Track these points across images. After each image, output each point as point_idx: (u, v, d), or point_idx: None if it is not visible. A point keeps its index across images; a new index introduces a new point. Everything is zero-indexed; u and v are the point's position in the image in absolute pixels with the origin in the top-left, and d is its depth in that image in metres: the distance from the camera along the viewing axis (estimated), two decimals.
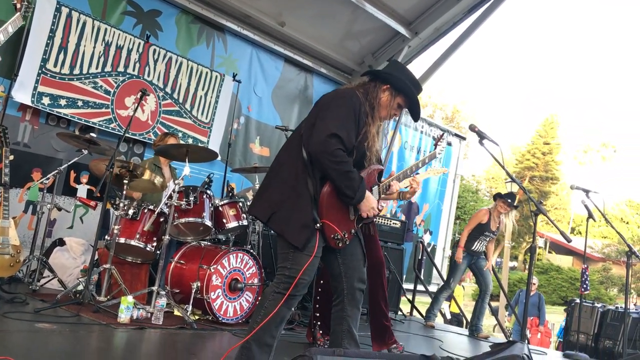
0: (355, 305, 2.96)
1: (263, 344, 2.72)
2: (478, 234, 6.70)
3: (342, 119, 2.74)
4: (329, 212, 2.77)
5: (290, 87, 7.97)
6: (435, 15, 7.72)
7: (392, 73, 3.02)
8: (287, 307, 2.77)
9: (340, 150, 2.68)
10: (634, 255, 4.84)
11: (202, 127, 6.77)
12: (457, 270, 6.78)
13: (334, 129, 2.68)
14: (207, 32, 6.90)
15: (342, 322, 2.93)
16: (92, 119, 5.80)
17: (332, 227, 2.77)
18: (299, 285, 2.73)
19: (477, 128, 3.92)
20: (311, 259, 2.72)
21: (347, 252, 2.96)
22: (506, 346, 2.82)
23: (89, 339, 3.57)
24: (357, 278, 2.96)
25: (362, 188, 2.77)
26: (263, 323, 2.69)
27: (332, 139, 2.66)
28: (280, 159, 2.92)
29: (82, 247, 5.46)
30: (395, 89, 2.97)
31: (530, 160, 39.50)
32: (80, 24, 5.65)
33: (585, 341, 7.06)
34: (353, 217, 2.91)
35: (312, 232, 2.72)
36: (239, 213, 5.20)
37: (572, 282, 28.44)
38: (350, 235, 2.90)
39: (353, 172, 2.74)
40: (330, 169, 2.69)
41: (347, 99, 2.83)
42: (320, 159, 2.69)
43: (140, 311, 4.27)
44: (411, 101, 3.03)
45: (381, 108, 2.95)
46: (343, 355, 1.90)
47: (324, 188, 2.76)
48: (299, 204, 2.74)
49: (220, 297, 4.68)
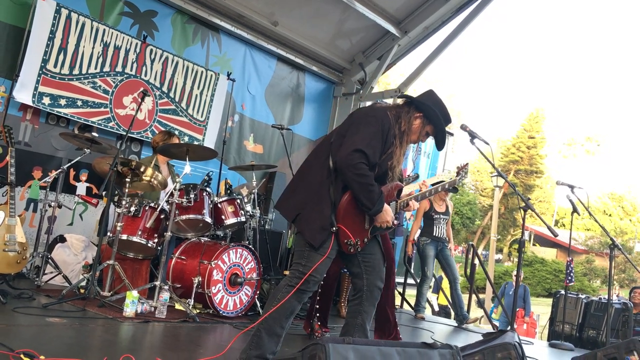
0: (372, 303, 3.19)
1: (272, 333, 2.93)
2: (430, 220, 7.05)
3: (370, 137, 2.96)
4: (345, 218, 3.00)
5: (283, 85, 8.12)
6: (425, 15, 7.90)
7: (426, 103, 3.22)
8: (298, 300, 2.98)
9: (363, 164, 2.90)
10: (617, 247, 5.05)
11: (198, 125, 6.90)
12: (427, 257, 7.05)
13: (361, 144, 2.91)
14: (202, 32, 7.02)
15: (357, 316, 3.17)
16: (91, 118, 5.91)
17: (346, 233, 3.00)
18: (309, 281, 2.96)
19: (468, 128, 4.10)
20: (323, 258, 2.94)
21: (366, 251, 3.18)
22: (498, 335, 3.02)
23: (98, 332, 3.71)
24: (377, 277, 3.19)
25: (380, 201, 3.00)
26: (273, 310, 2.91)
27: (357, 153, 2.90)
28: (309, 162, 3.17)
29: (83, 244, 5.58)
30: (427, 119, 3.19)
31: (515, 154, 39.91)
32: (79, 25, 5.75)
33: (570, 331, 7.30)
34: (368, 227, 3.13)
35: (328, 235, 2.95)
36: (237, 210, 5.35)
37: (556, 274, 28.87)
38: (363, 243, 3.12)
39: (373, 186, 2.96)
40: (352, 181, 2.93)
41: (377, 118, 3.05)
42: (345, 171, 2.92)
43: (145, 305, 4.42)
44: (439, 132, 3.26)
45: (412, 133, 3.18)
46: (352, 343, 2.07)
47: (344, 196, 3.00)
48: (320, 207, 2.98)
49: (221, 291, 4.84)
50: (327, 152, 3.06)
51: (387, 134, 3.02)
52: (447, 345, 2.36)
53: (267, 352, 2.91)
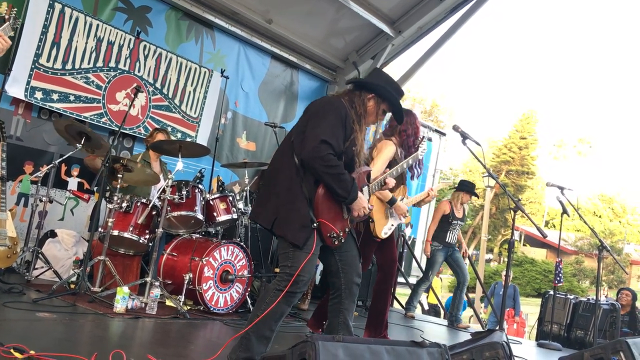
0: (352, 299, 3.17)
1: (261, 336, 2.90)
2: (446, 224, 6.99)
3: (331, 127, 2.94)
4: (324, 211, 2.97)
5: (277, 83, 8.12)
6: (419, 15, 7.91)
7: (375, 82, 3.23)
8: (287, 304, 2.94)
9: (331, 155, 2.88)
10: (605, 249, 5.10)
11: (191, 122, 6.90)
12: (435, 263, 7.03)
13: (324, 135, 2.88)
14: (196, 28, 7.01)
15: (338, 314, 3.14)
16: (83, 113, 5.90)
17: (328, 226, 2.97)
18: (299, 282, 2.91)
19: (460, 129, 4.14)
20: (309, 257, 2.91)
21: (343, 249, 3.15)
22: (486, 334, 3.05)
23: (88, 327, 3.71)
24: (354, 273, 3.17)
25: (354, 189, 2.98)
26: (262, 315, 2.87)
27: (322, 144, 2.86)
28: (275, 165, 3.11)
29: (74, 239, 5.57)
30: (379, 97, 3.19)
31: (507, 155, 40.09)
32: (72, 19, 5.74)
33: (558, 331, 7.36)
34: (346, 217, 3.11)
35: (310, 232, 2.92)
36: (229, 207, 5.36)
37: (546, 275, 29.07)
38: (345, 234, 3.10)
39: (344, 174, 2.95)
40: (323, 173, 2.89)
41: (334, 107, 3.03)
42: (313, 164, 2.88)
43: (135, 301, 4.42)
44: (395, 107, 3.27)
45: (368, 115, 3.17)
46: (342, 341, 2.08)
47: (318, 190, 2.95)
48: (296, 206, 2.94)
49: (212, 288, 4.85)
50: (291, 151, 3.01)
51: (345, 120, 3.00)
52: (435, 344, 2.38)
53: (255, 355, 2.89)
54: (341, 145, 2.97)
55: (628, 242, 41.59)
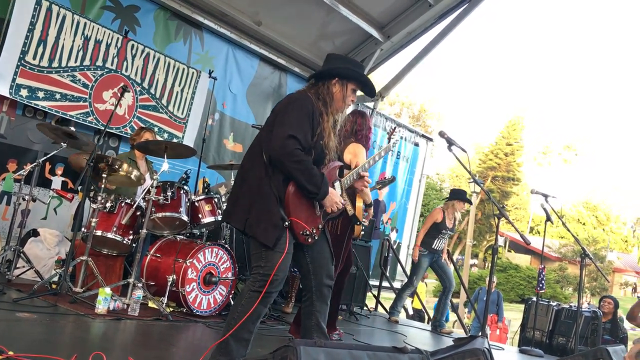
0: (324, 301, 3.14)
1: (240, 339, 2.89)
2: (436, 232, 7.02)
3: (297, 121, 2.92)
4: (295, 209, 2.94)
5: (265, 85, 8.10)
6: (408, 20, 7.94)
7: (333, 66, 3.22)
8: (263, 304, 2.91)
9: (299, 150, 2.86)
10: (588, 257, 5.15)
11: (178, 123, 6.86)
12: (420, 269, 7.06)
13: (291, 130, 2.86)
14: (185, 29, 6.98)
15: (311, 317, 3.12)
16: (69, 111, 5.85)
17: (300, 224, 2.94)
18: (273, 282, 2.88)
19: (446, 135, 4.16)
20: (283, 256, 2.88)
21: (314, 250, 3.14)
22: (468, 340, 3.06)
23: (69, 328, 3.68)
24: (325, 275, 3.14)
25: (324, 184, 2.96)
26: (241, 322, 2.84)
27: (289, 140, 2.84)
28: (245, 166, 3.08)
29: (56, 239, 5.52)
30: (343, 79, 3.16)
31: (493, 161, 40.31)
32: (60, 17, 5.69)
33: (540, 337, 7.41)
34: (319, 213, 3.08)
35: (281, 231, 2.89)
36: (214, 208, 5.33)
37: (530, 281, 29.27)
38: (318, 231, 3.08)
39: (314, 169, 2.93)
40: (291, 169, 2.87)
41: (300, 102, 3.01)
42: (282, 160, 2.86)
43: (117, 302, 4.38)
44: (362, 82, 3.23)
45: (334, 101, 3.14)
46: (324, 346, 2.08)
47: (288, 187, 2.92)
48: (266, 205, 2.90)
49: (195, 290, 4.82)
50: (260, 151, 2.98)
51: (312, 114, 2.98)
52: (417, 349, 2.39)
53: (235, 357, 2.88)
54: (309, 140, 2.94)
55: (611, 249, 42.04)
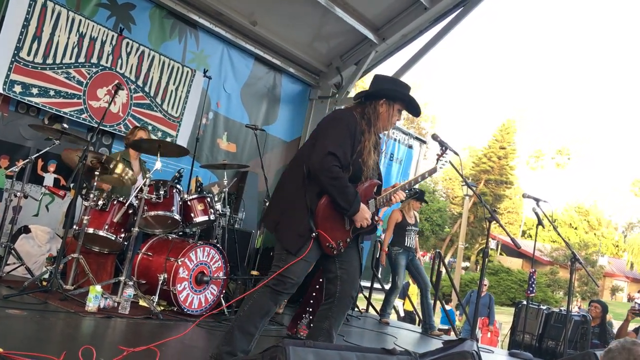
0: (342, 310, 3.20)
1: (245, 332, 2.98)
2: (401, 231, 7.14)
3: (338, 139, 3.02)
4: (324, 222, 3.03)
5: (259, 85, 8.10)
6: (403, 23, 7.97)
7: (381, 87, 3.27)
8: (273, 301, 3.03)
9: (337, 167, 2.96)
10: (578, 261, 5.17)
11: (172, 121, 6.85)
12: (399, 267, 7.13)
13: (331, 148, 2.97)
14: (180, 27, 6.97)
15: (324, 320, 3.18)
16: (63, 108, 5.83)
17: (326, 237, 3.03)
18: (285, 282, 2.99)
19: (439, 138, 4.16)
20: (298, 260, 2.98)
21: (345, 259, 3.19)
22: (457, 343, 3.07)
23: (59, 326, 3.67)
24: (351, 285, 3.20)
25: (357, 201, 3.03)
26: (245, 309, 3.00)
27: (329, 156, 2.95)
28: (285, 175, 3.23)
29: (48, 235, 5.51)
30: (390, 99, 3.22)
31: (486, 164, 40.45)
32: (55, 14, 5.67)
33: (530, 341, 7.43)
34: (349, 228, 3.14)
35: (305, 241, 2.99)
36: (206, 208, 5.33)
37: (521, 284, 29.34)
38: (346, 244, 3.14)
39: (348, 187, 3.01)
40: (327, 184, 2.97)
41: (343, 120, 3.12)
42: (319, 176, 2.97)
43: (108, 300, 4.38)
44: (408, 102, 3.28)
45: (380, 121, 3.21)
46: (313, 347, 2.09)
47: (321, 200, 3.02)
48: (297, 215, 3.03)
49: (187, 289, 4.82)
50: (301, 161, 3.11)
51: (354, 132, 3.07)
52: (406, 351, 2.40)
53: (237, 350, 2.96)
54: (348, 157, 3.03)
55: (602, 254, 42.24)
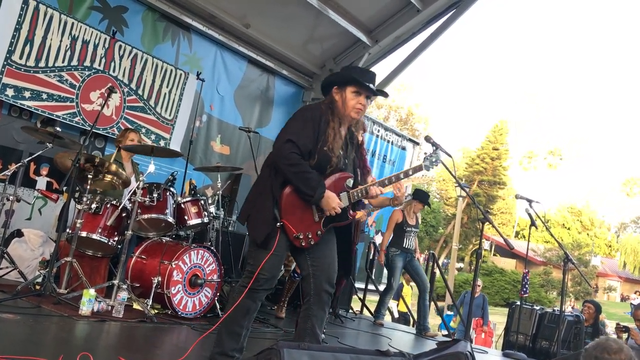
0: (321, 307, 3.14)
1: (231, 332, 3.02)
2: (401, 232, 7.09)
3: (297, 127, 3.04)
4: (288, 212, 3.01)
5: (253, 87, 8.10)
6: (396, 25, 7.99)
7: (330, 78, 3.30)
8: (251, 299, 3.04)
9: (295, 154, 2.96)
10: (570, 261, 5.20)
11: (165, 124, 6.84)
12: (395, 269, 7.10)
13: (289, 135, 2.99)
14: (173, 30, 6.97)
15: (307, 320, 3.13)
16: (56, 112, 5.82)
17: (291, 228, 3.00)
18: (259, 279, 2.99)
19: (432, 139, 4.18)
20: (268, 256, 2.96)
21: (317, 254, 3.16)
22: (451, 344, 3.09)
23: (53, 329, 3.66)
24: (324, 280, 3.14)
25: (320, 187, 2.99)
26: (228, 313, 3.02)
27: (286, 144, 2.96)
28: (261, 168, 3.22)
29: (41, 239, 5.48)
30: (339, 85, 3.19)
31: (479, 165, 40.55)
32: (47, 17, 5.66)
33: (524, 341, 7.46)
34: (318, 219, 3.10)
35: (272, 230, 2.98)
36: (200, 210, 5.32)
37: (515, 285, 29.41)
38: (317, 237, 3.09)
39: (310, 173, 2.98)
40: (286, 171, 2.97)
41: (305, 111, 3.16)
42: (278, 163, 2.99)
43: (102, 304, 4.36)
44: (357, 80, 3.17)
45: (338, 109, 3.16)
46: (307, 349, 2.09)
47: (284, 190, 3.02)
48: (263, 204, 3.04)
49: (180, 292, 4.81)
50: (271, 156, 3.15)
51: (318, 121, 3.06)
52: (400, 353, 2.41)
53: (227, 350, 3.01)
54: (308, 145, 3.01)
55: (595, 254, 42.42)
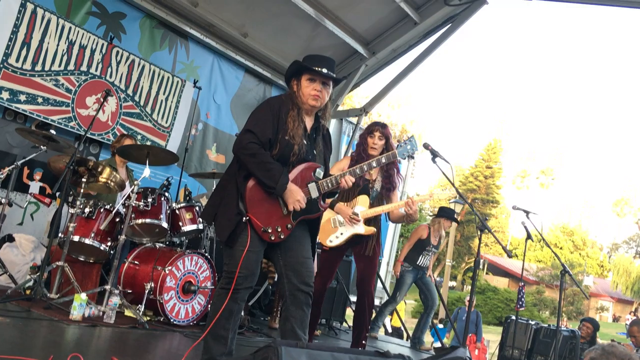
0: (298, 306, 2.99)
1: (217, 337, 2.95)
2: (420, 249, 6.93)
3: (256, 118, 3.00)
4: (254, 205, 2.92)
5: (249, 96, 8.09)
6: (393, 37, 8.03)
7: (287, 69, 3.25)
8: (233, 300, 2.93)
9: (254, 144, 2.89)
10: (567, 273, 5.16)
11: (162, 131, 6.81)
12: (404, 285, 6.96)
13: (248, 126, 2.95)
14: (171, 37, 6.97)
15: (286, 322, 3.01)
16: (51, 116, 5.78)
17: (256, 222, 2.90)
18: (237, 278, 2.89)
19: (430, 146, 4.15)
20: (244, 253, 2.88)
21: (287, 252, 3.06)
22: (450, 350, 3.04)
23: (43, 332, 3.59)
24: (297, 279, 3.00)
25: (283, 178, 2.91)
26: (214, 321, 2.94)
27: (245, 134, 2.92)
28: (228, 167, 3.18)
29: (32, 244, 5.40)
30: (294, 74, 3.18)
31: (473, 183, 40.67)
32: (44, 21, 5.64)
33: (519, 356, 7.40)
34: (287, 212, 2.99)
35: (238, 226, 2.90)
36: (194, 217, 5.25)
37: (508, 303, 29.33)
38: (287, 230, 2.99)
39: (271, 164, 2.91)
40: (247, 162, 2.90)
41: (264, 103, 3.14)
42: (239, 155, 2.93)
43: (93, 309, 4.29)
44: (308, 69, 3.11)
45: (297, 98, 3.12)
46: (305, 347, 2.04)
47: (247, 183, 2.93)
48: (226, 200, 2.96)
49: (173, 298, 4.74)
50: None
51: (277, 111, 3.02)
52: (400, 355, 2.36)
53: (216, 355, 2.93)
54: (267, 134, 2.94)
55: (587, 274, 42.44)
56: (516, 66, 79.60)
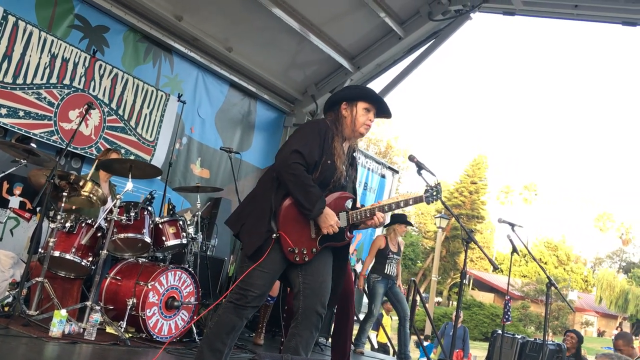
0: (308, 327, 2.97)
1: (213, 349, 2.90)
2: (382, 258, 7.06)
3: (304, 138, 2.97)
4: (286, 224, 2.92)
5: (234, 111, 8.05)
6: (378, 52, 8.05)
7: (340, 94, 3.25)
8: (238, 316, 2.92)
9: (299, 165, 2.88)
10: (553, 285, 5.16)
11: (146, 146, 6.73)
12: (376, 295, 7.02)
13: (295, 146, 2.92)
14: (155, 51, 6.92)
15: (291, 339, 2.98)
16: (33, 130, 5.68)
17: (287, 240, 2.89)
18: (247, 296, 2.88)
19: (415, 159, 4.13)
20: (254, 266, 2.88)
21: (309, 270, 3.02)
22: None
23: (21, 351, 3.49)
24: (316, 301, 2.98)
25: (320, 202, 2.90)
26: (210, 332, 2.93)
27: (293, 154, 2.89)
28: (258, 181, 3.16)
29: (11, 261, 5.28)
30: (351, 100, 3.16)
31: (458, 199, 40.85)
32: (26, 33, 5.56)
33: None
34: (315, 236, 3.00)
35: (265, 242, 2.88)
36: (178, 231, 5.19)
37: (493, 319, 29.34)
38: (312, 254, 2.99)
39: (312, 187, 2.90)
40: (288, 182, 2.88)
41: (312, 124, 3.12)
42: (281, 172, 2.90)
43: (73, 326, 4.19)
44: (371, 97, 3.18)
45: (346, 125, 3.12)
46: None
47: (284, 202, 2.93)
48: (259, 215, 2.94)
49: (156, 314, 4.65)
50: (273, 168, 3.06)
51: (324, 134, 3.02)
52: None
53: None
54: (314, 156, 2.95)
55: (572, 289, 42.64)
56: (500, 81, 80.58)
